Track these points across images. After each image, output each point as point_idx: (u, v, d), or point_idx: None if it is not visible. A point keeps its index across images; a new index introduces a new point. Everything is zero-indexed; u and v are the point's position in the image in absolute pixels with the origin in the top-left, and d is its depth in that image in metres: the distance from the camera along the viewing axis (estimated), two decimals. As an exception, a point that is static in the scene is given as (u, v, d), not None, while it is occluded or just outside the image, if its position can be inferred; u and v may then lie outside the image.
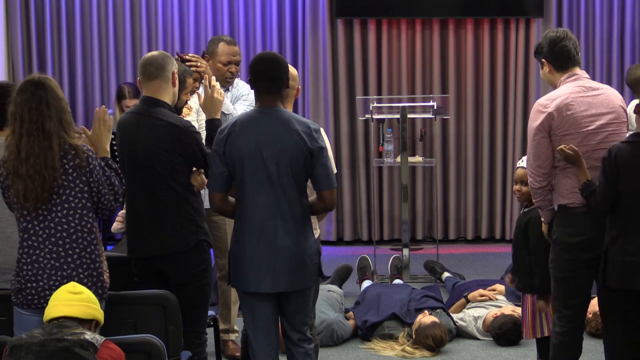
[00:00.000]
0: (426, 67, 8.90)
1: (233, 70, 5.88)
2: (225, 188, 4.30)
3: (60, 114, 3.97)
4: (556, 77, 4.69)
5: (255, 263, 4.24)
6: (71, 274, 3.96)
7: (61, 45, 8.76)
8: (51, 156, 3.91)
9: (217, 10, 8.81)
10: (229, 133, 4.25)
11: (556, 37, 4.67)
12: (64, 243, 3.97)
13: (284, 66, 4.32)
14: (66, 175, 3.95)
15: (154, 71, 4.60)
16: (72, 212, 3.97)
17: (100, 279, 4.04)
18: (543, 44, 4.69)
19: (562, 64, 4.67)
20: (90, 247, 4.01)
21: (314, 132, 4.24)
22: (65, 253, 3.97)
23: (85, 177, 3.98)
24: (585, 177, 4.44)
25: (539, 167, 4.59)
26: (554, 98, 4.58)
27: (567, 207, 4.56)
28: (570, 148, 4.46)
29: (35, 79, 4.00)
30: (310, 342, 4.41)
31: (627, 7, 8.81)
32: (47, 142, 3.92)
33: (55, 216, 3.97)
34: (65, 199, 3.96)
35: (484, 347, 6.05)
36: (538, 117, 4.58)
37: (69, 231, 3.97)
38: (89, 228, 4.01)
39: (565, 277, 4.57)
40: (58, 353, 3.44)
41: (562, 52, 4.65)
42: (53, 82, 4.03)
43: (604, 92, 4.64)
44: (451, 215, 9.00)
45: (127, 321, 4.25)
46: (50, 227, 3.97)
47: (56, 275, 3.96)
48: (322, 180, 4.25)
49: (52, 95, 3.97)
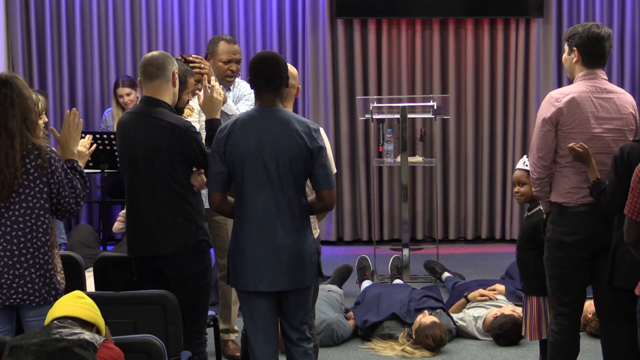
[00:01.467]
0: (426, 67, 8.90)
1: (233, 69, 5.88)
2: (225, 188, 4.30)
3: (25, 113, 3.98)
4: (578, 69, 4.62)
5: (255, 262, 4.24)
6: (23, 273, 3.99)
7: (61, 45, 8.76)
8: (12, 155, 3.93)
9: (217, 10, 8.82)
10: (229, 132, 4.25)
11: (600, 35, 4.58)
12: (19, 242, 3.99)
13: (283, 65, 4.32)
14: (27, 175, 3.97)
15: (154, 71, 4.60)
16: (30, 212, 3.99)
17: (53, 280, 4.05)
18: (583, 35, 4.58)
19: (592, 61, 4.59)
20: (44, 247, 4.03)
21: (313, 132, 4.24)
22: (19, 252, 3.99)
23: (46, 177, 4.00)
24: (594, 176, 4.43)
25: (541, 158, 4.59)
26: (567, 93, 4.56)
27: (563, 205, 4.56)
28: (581, 146, 4.45)
29: (2, 77, 4.01)
30: (310, 342, 4.41)
31: (627, 7, 8.81)
32: (9, 140, 3.94)
33: (12, 214, 3.99)
34: (24, 198, 3.98)
35: (484, 347, 6.05)
36: (548, 109, 4.56)
37: (24, 230, 3.99)
38: (45, 229, 4.03)
39: (560, 275, 4.58)
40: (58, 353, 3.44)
41: (599, 52, 4.58)
42: (20, 81, 4.04)
43: (618, 96, 4.60)
44: (451, 215, 9.00)
45: (127, 321, 4.24)
46: (6, 225, 3.99)
47: (8, 274, 3.99)
48: (321, 180, 4.25)
49: (17, 93, 3.98)
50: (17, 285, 3.99)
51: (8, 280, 3.98)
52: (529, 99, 8.81)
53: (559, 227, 4.56)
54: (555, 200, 4.60)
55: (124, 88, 7.81)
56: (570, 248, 4.52)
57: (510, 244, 8.86)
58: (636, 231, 3.89)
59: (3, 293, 3.99)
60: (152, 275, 4.63)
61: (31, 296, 4.00)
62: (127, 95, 7.78)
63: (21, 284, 3.99)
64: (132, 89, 7.82)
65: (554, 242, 4.59)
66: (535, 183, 4.65)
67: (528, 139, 8.76)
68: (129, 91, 7.80)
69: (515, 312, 6.14)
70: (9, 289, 3.99)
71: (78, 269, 4.66)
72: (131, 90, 7.81)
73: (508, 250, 8.52)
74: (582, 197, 4.51)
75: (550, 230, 4.61)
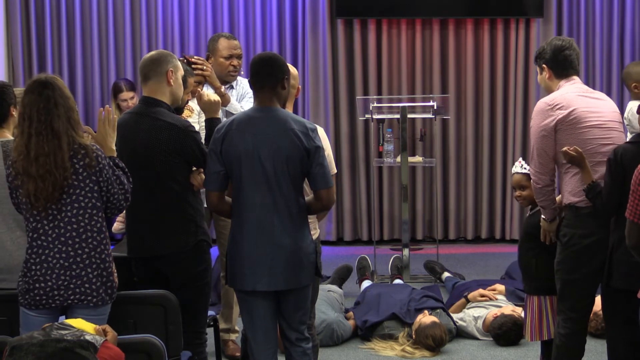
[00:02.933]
0: (426, 67, 8.90)
1: (235, 64, 5.89)
2: (222, 187, 4.31)
3: (69, 112, 3.97)
4: (554, 84, 4.77)
5: (253, 262, 4.24)
6: (80, 273, 3.97)
7: (61, 45, 8.76)
8: (61, 155, 3.91)
9: (217, 10, 8.82)
10: (226, 132, 4.26)
11: (561, 45, 4.73)
12: (74, 243, 3.97)
13: (281, 66, 4.32)
14: (76, 175, 3.96)
15: (148, 72, 4.61)
16: (82, 212, 3.98)
17: (110, 279, 4.04)
18: (547, 50, 4.75)
19: (562, 72, 4.74)
20: (100, 247, 4.02)
21: (310, 132, 4.25)
22: (75, 253, 3.97)
23: (95, 176, 3.99)
24: (589, 179, 4.43)
25: (543, 165, 4.60)
26: (557, 97, 4.65)
27: (577, 207, 4.55)
28: (574, 149, 4.45)
29: (42, 78, 4.00)
30: (308, 342, 4.41)
31: (627, 7, 8.81)
32: (56, 141, 3.92)
33: (65, 216, 3.97)
34: (75, 198, 3.97)
35: (484, 347, 6.05)
36: (542, 116, 4.60)
37: (78, 231, 3.98)
38: (99, 228, 4.02)
39: (576, 280, 4.56)
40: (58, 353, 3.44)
41: (565, 61, 4.73)
42: (60, 81, 4.03)
43: (602, 98, 4.75)
44: (451, 215, 9.00)
45: (127, 321, 4.25)
46: (59, 227, 3.97)
47: (65, 275, 3.97)
48: (318, 179, 4.25)
49: (59, 94, 3.96)
50: (74, 286, 3.97)
51: (65, 282, 3.96)
52: (529, 99, 8.81)
53: (576, 230, 4.54)
54: (567, 201, 4.58)
55: (128, 92, 7.75)
56: (591, 251, 4.50)
57: (510, 244, 8.86)
58: (638, 234, 3.89)
59: (60, 294, 3.96)
60: (152, 276, 4.63)
61: (89, 296, 3.98)
62: (130, 99, 7.77)
63: (78, 284, 3.97)
64: (134, 93, 7.81)
65: (572, 245, 4.55)
66: (539, 192, 4.64)
67: (528, 139, 8.74)
68: (132, 95, 7.79)
69: (515, 312, 6.14)
70: (66, 290, 3.97)
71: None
72: (134, 94, 7.80)
73: (508, 250, 8.52)
74: None
75: (568, 234, 4.58)
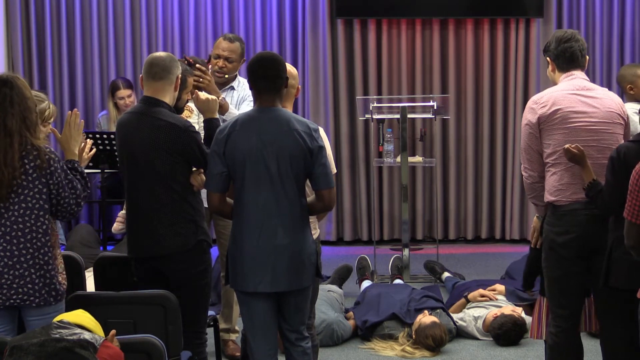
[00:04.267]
0: (426, 67, 8.90)
1: (220, 65, 5.82)
2: (224, 188, 4.31)
3: (25, 112, 3.97)
4: (557, 77, 4.73)
5: (254, 263, 4.24)
6: (23, 273, 3.99)
7: (61, 45, 8.76)
8: (11, 154, 3.93)
9: (217, 10, 8.82)
10: (229, 133, 4.25)
11: (563, 36, 4.68)
12: (18, 242, 3.99)
13: (283, 65, 4.33)
14: (26, 175, 3.97)
15: (160, 72, 4.59)
16: (29, 212, 3.99)
17: (53, 281, 4.04)
18: (551, 42, 4.71)
19: (564, 64, 4.69)
20: (44, 248, 4.02)
21: (313, 132, 4.25)
22: (19, 252, 3.99)
23: (45, 178, 4.00)
24: (590, 177, 4.43)
25: (530, 161, 4.64)
26: (545, 94, 4.66)
27: (555, 205, 4.56)
28: (576, 147, 4.46)
29: (2, 77, 4.02)
30: (308, 341, 4.41)
31: (627, 7, 8.81)
32: (7, 139, 3.94)
33: (11, 215, 3.98)
34: (23, 198, 3.98)
35: (484, 347, 6.05)
36: (528, 113, 4.67)
37: (24, 231, 3.99)
38: (44, 229, 4.02)
39: (558, 276, 4.58)
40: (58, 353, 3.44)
41: (566, 53, 4.66)
42: (21, 81, 4.03)
43: (598, 94, 4.65)
44: (451, 215, 9.00)
45: (127, 321, 4.25)
46: (5, 225, 3.99)
47: (8, 274, 3.98)
48: (320, 180, 4.26)
49: (17, 93, 3.97)
50: (17, 285, 3.99)
51: (8, 281, 3.98)
52: (529, 99, 8.79)
53: (552, 228, 4.57)
54: (546, 199, 4.60)
55: (125, 90, 7.79)
56: (564, 248, 4.52)
57: (510, 244, 8.86)
58: (636, 234, 3.89)
59: (3, 293, 3.98)
60: (152, 275, 4.63)
61: (31, 296, 4.00)
62: (127, 97, 7.77)
63: (21, 284, 3.99)
64: (131, 91, 7.82)
65: (548, 243, 4.59)
66: (529, 188, 4.69)
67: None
68: (129, 93, 7.79)
69: (515, 312, 6.14)
70: (9, 289, 3.99)
71: (78, 269, 4.66)
72: (131, 92, 7.80)
73: (508, 250, 8.53)
74: (572, 194, 4.51)
75: (545, 231, 4.62)
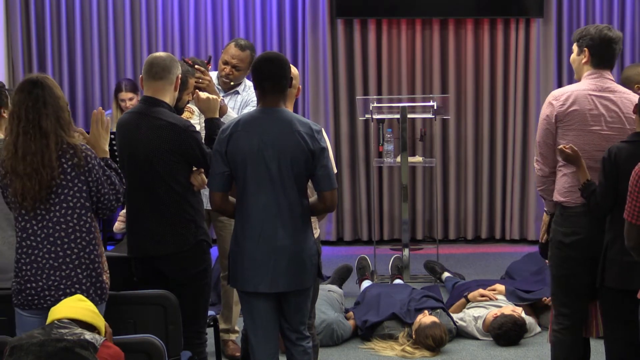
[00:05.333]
0: (426, 67, 8.90)
1: (227, 72, 5.87)
2: (226, 188, 4.31)
3: (58, 112, 3.96)
4: (585, 70, 4.62)
5: (255, 263, 4.24)
6: (70, 274, 3.96)
7: (61, 45, 8.76)
8: (48, 154, 3.91)
9: (217, 10, 8.81)
10: (232, 133, 4.25)
11: (612, 38, 4.58)
12: (62, 243, 3.96)
13: (289, 66, 4.34)
14: (64, 174, 3.95)
15: (160, 72, 4.59)
16: (71, 212, 3.97)
17: (100, 279, 4.03)
18: (595, 36, 4.58)
19: (601, 63, 4.59)
20: (89, 247, 4.00)
21: (315, 133, 4.25)
22: (64, 253, 3.96)
23: (84, 176, 3.98)
24: (584, 177, 4.43)
25: (544, 156, 4.63)
26: (566, 91, 4.59)
27: (564, 205, 4.56)
28: (570, 148, 4.46)
29: (33, 78, 4.00)
30: (308, 340, 4.42)
31: (627, 7, 8.81)
32: (44, 140, 3.92)
33: (53, 216, 3.96)
34: (64, 198, 3.96)
35: (484, 347, 6.05)
36: (547, 108, 4.60)
37: (67, 231, 3.97)
38: (88, 228, 4.00)
39: (562, 276, 4.59)
40: (58, 353, 3.44)
41: (609, 54, 4.59)
42: (51, 81, 4.02)
43: (621, 96, 4.58)
44: (451, 215, 9.00)
45: (127, 321, 4.25)
46: (48, 227, 3.96)
47: (55, 276, 3.96)
48: (323, 181, 4.26)
49: (49, 93, 3.95)
50: (64, 286, 3.96)
51: (55, 282, 3.95)
52: (529, 99, 8.81)
53: (560, 228, 4.57)
54: (556, 199, 4.60)
55: (127, 93, 7.77)
56: (570, 249, 4.53)
57: (510, 244, 8.86)
58: (637, 235, 3.89)
59: (51, 295, 3.95)
60: (152, 275, 4.64)
61: None
62: (129, 100, 7.76)
63: (69, 284, 3.96)
64: (134, 94, 7.81)
65: (555, 242, 4.60)
66: (540, 181, 4.69)
67: (528, 139, 8.77)
68: (132, 96, 7.78)
69: (515, 312, 6.14)
70: (57, 291, 3.96)
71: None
72: (133, 95, 7.79)
73: (508, 250, 8.53)
74: (581, 197, 4.51)
75: (553, 230, 4.62)
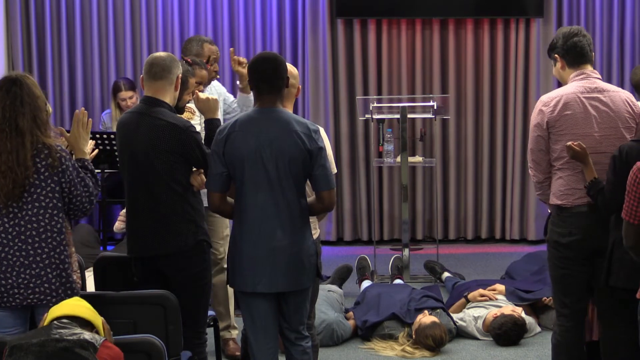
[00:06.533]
0: (426, 67, 8.90)
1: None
2: (224, 188, 4.31)
3: (35, 112, 3.98)
4: (567, 74, 4.64)
5: (253, 263, 4.24)
6: (40, 272, 4.00)
7: (61, 45, 8.76)
8: (23, 153, 3.93)
9: (217, 10, 8.82)
10: (229, 133, 4.25)
11: (570, 32, 4.62)
12: (34, 242, 4.00)
13: (285, 66, 4.34)
14: (38, 174, 3.98)
15: (160, 72, 4.60)
16: (43, 212, 4.00)
17: (69, 280, 4.06)
18: (557, 38, 4.64)
19: (574, 60, 4.61)
20: (60, 247, 4.04)
21: (313, 133, 4.24)
22: (35, 252, 3.99)
23: (57, 177, 4.01)
24: (591, 175, 4.43)
25: (536, 162, 4.64)
26: (555, 96, 4.58)
27: (560, 207, 4.57)
28: (579, 145, 4.45)
29: (12, 76, 4.03)
30: (308, 340, 4.42)
31: (627, 7, 8.81)
32: (19, 139, 3.94)
33: (25, 214, 3.99)
34: (36, 197, 3.99)
35: (484, 347, 6.05)
36: (537, 116, 4.61)
37: (38, 230, 4.00)
38: (59, 228, 4.04)
39: (559, 276, 4.60)
40: (58, 353, 3.44)
41: (576, 48, 4.60)
42: (31, 80, 4.04)
43: (610, 94, 4.57)
44: (451, 215, 9.00)
45: (127, 321, 4.25)
46: (20, 225, 3.99)
47: (25, 274, 3.99)
48: (321, 181, 4.25)
49: (27, 92, 3.98)
50: (33, 285, 3.99)
51: (25, 281, 3.98)
52: (529, 99, 8.80)
53: (556, 228, 4.58)
54: (552, 202, 4.61)
55: (127, 92, 7.78)
56: (567, 249, 4.53)
57: (510, 244, 8.86)
58: (634, 234, 3.89)
59: (20, 293, 3.99)
60: (152, 275, 4.64)
61: (48, 296, 4.01)
62: (129, 98, 7.77)
63: (38, 283, 3.99)
64: (133, 92, 7.81)
65: (551, 243, 4.61)
66: (536, 186, 4.73)
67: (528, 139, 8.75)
68: (131, 94, 7.79)
69: (515, 312, 6.14)
70: (26, 289, 3.99)
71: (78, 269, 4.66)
72: (133, 93, 7.80)
73: (508, 250, 8.53)
74: (578, 199, 4.51)
75: (550, 231, 4.63)
